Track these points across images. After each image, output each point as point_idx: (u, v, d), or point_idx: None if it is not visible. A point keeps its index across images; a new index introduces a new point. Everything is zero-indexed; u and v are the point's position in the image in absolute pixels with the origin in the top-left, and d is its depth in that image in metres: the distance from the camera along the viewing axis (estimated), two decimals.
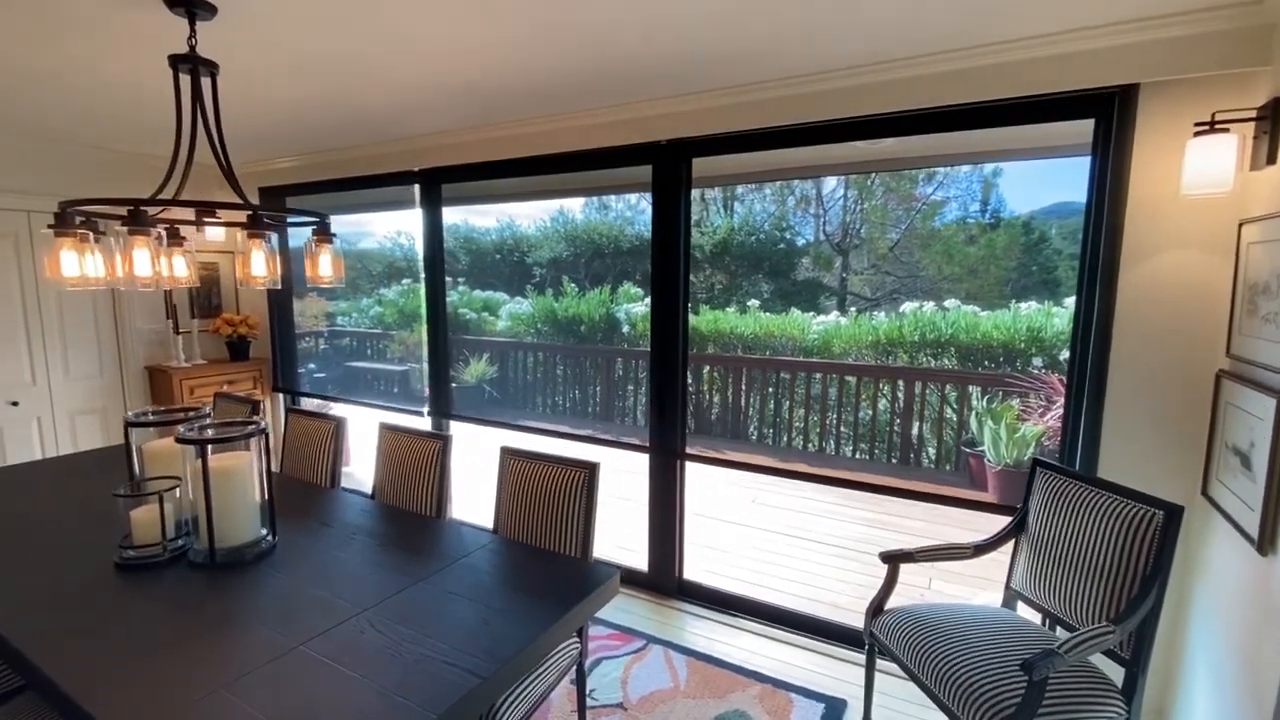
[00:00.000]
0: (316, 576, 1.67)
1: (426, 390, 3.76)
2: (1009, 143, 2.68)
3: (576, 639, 1.88)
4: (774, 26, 1.88)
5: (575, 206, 7.58)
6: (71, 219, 1.54)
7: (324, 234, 1.83)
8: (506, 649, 1.36)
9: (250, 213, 1.57)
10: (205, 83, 1.71)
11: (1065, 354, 4.49)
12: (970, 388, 4.86)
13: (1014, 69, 2.02)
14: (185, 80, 1.69)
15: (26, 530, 1.93)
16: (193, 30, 1.68)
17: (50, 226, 1.53)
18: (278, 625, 1.43)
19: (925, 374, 5.05)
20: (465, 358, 6.48)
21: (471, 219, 7.92)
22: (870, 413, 5.31)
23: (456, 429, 3.60)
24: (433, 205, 3.46)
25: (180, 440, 1.68)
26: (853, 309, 6.20)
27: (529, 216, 7.72)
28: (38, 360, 3.49)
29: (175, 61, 1.66)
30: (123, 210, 1.49)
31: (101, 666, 1.26)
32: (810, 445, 5.90)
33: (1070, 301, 4.86)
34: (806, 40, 1.99)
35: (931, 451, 5.50)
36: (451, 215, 7.44)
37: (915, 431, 5.12)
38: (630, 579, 3.09)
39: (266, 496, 1.85)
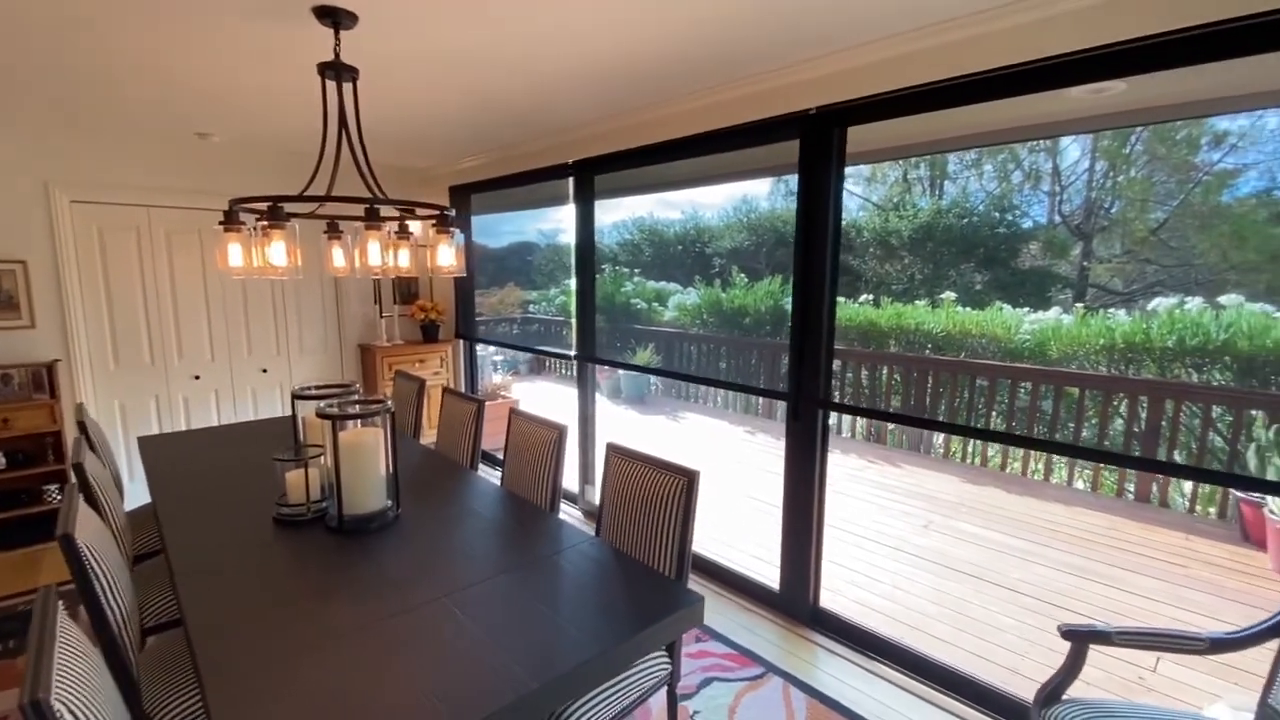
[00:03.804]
0: (420, 555, 1.75)
1: (574, 339, 3.80)
2: None
3: (665, 657, 1.73)
4: None
5: (760, 193, 7.23)
6: (237, 216, 1.78)
7: (441, 225, 1.90)
8: (560, 663, 1.27)
9: (367, 206, 1.66)
10: (348, 87, 1.86)
11: None
12: (1254, 412, 3.67)
13: None
14: (332, 86, 1.85)
15: (232, 477, 2.32)
16: (337, 39, 1.83)
17: (220, 224, 1.78)
18: (367, 600, 1.50)
19: (1182, 390, 3.93)
20: (632, 347, 6.59)
21: (658, 211, 7.99)
22: (1097, 434, 4.29)
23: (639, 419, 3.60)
24: (585, 196, 3.50)
25: (318, 414, 1.86)
26: (1078, 305, 5.06)
27: (713, 206, 7.56)
28: (280, 336, 4.26)
29: (322, 69, 1.82)
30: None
31: (225, 607, 1.43)
32: (1011, 467, 4.99)
33: None
34: None
35: (1186, 490, 4.30)
36: (638, 206, 7.60)
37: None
38: (760, 596, 2.84)
39: (391, 470, 1.99)
